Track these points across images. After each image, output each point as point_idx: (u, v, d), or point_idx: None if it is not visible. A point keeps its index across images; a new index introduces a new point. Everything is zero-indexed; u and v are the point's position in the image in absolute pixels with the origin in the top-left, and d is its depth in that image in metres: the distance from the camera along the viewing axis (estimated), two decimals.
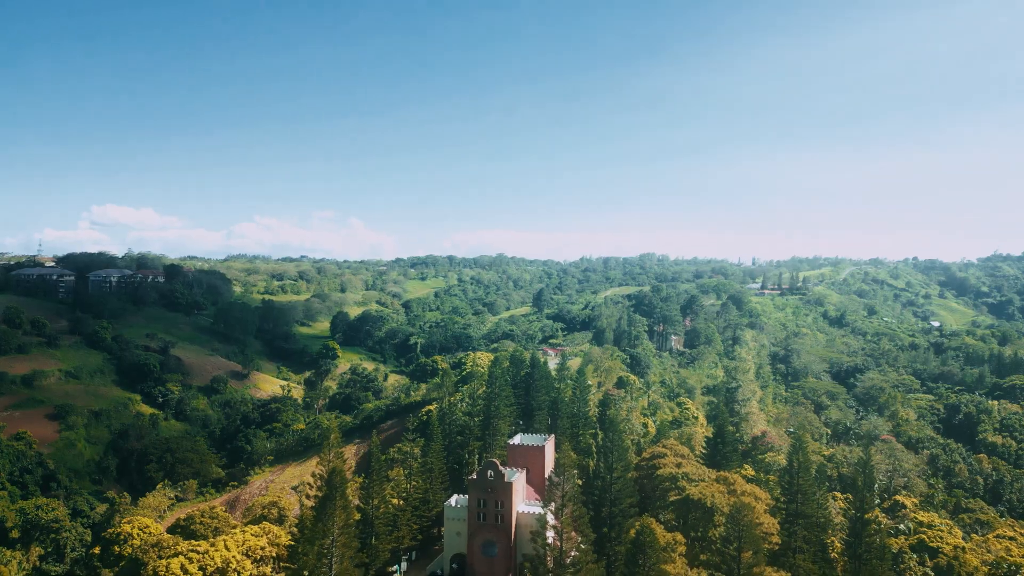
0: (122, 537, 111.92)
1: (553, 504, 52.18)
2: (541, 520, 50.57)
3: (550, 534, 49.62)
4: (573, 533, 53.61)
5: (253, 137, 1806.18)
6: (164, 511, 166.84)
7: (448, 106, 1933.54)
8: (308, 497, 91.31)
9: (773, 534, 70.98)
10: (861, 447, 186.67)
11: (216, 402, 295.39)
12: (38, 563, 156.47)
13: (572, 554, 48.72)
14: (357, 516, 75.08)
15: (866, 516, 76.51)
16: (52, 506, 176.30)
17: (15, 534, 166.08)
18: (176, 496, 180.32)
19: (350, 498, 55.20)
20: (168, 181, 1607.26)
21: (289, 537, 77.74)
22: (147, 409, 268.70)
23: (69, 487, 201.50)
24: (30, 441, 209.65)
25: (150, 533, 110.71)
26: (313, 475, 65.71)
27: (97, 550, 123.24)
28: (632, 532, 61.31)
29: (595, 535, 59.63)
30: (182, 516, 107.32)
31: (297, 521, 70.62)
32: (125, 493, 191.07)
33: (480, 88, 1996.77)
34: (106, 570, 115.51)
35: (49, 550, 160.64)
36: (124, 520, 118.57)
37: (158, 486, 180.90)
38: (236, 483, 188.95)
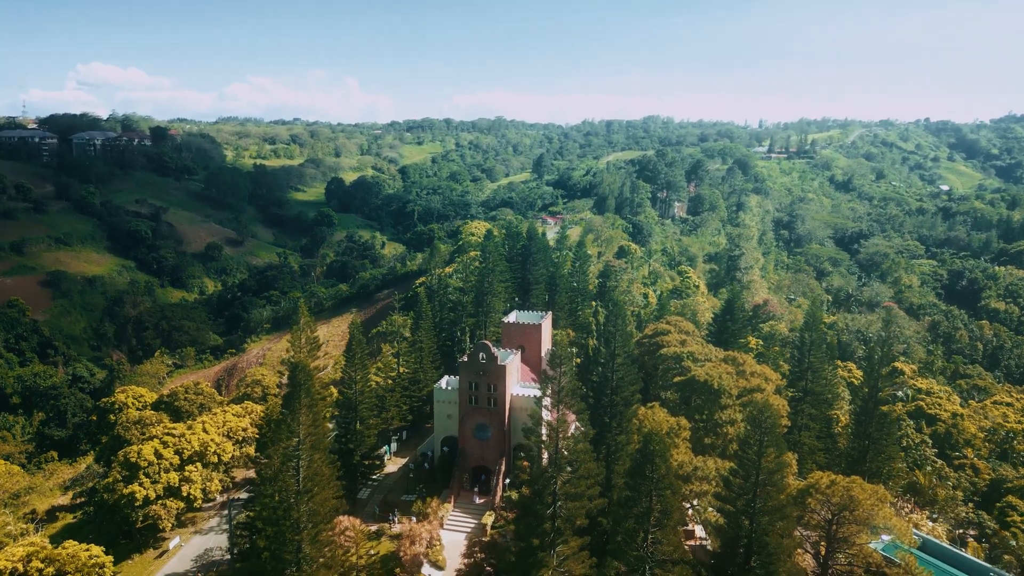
0: (117, 406, 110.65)
1: (548, 399, 47.78)
2: (535, 416, 46.54)
3: (544, 430, 45.53)
4: (570, 424, 49.84)
5: None
6: (163, 378, 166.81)
7: None
8: (279, 386, 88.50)
9: (783, 416, 68.21)
10: (864, 315, 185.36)
11: (212, 269, 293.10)
12: (41, 428, 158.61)
13: (567, 452, 45.02)
14: (339, 396, 71.68)
15: (880, 396, 73.37)
16: (50, 373, 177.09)
17: (16, 400, 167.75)
18: (175, 363, 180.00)
19: (317, 395, 50.72)
20: (156, 37, 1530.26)
21: (258, 430, 74.16)
22: (142, 276, 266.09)
23: (67, 354, 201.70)
24: (23, 308, 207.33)
25: (144, 404, 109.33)
26: (283, 362, 61.80)
27: (94, 418, 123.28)
28: (635, 421, 57.98)
29: (595, 431, 56.21)
30: (166, 392, 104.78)
31: (265, 412, 66.96)
32: (124, 360, 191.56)
33: None
34: (103, 436, 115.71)
35: (51, 415, 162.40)
36: (119, 390, 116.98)
37: (156, 353, 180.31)
38: (234, 351, 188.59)
